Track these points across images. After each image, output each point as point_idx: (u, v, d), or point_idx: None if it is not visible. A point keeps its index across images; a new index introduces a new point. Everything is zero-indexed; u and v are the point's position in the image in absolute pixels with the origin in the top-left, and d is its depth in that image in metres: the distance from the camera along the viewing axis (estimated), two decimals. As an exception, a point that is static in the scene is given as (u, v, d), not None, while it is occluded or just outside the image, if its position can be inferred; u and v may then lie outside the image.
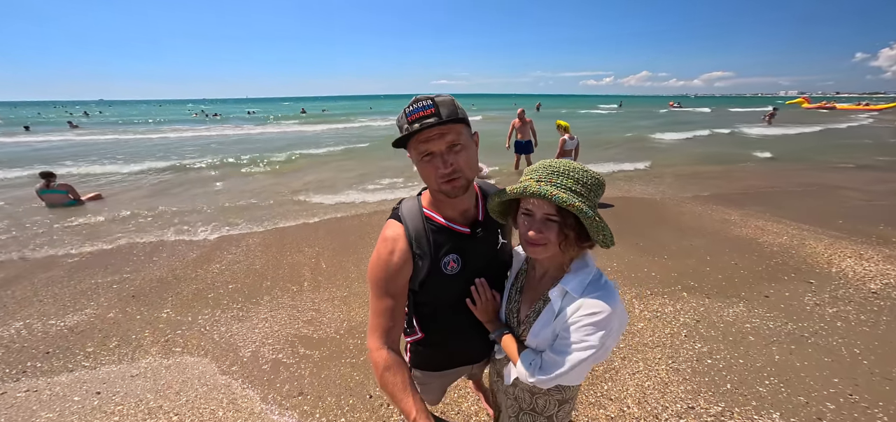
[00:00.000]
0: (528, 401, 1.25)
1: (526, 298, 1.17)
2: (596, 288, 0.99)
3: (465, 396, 2.46)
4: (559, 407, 1.23)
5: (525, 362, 1.08)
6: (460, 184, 1.02)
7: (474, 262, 1.17)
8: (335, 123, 28.19)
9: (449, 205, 1.12)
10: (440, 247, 1.12)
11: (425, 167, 1.01)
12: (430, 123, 0.94)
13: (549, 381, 1.02)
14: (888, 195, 6.84)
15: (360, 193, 7.71)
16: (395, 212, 1.18)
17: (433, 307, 1.24)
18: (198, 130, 24.98)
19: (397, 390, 1.03)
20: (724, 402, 2.28)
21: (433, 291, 1.17)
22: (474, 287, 1.19)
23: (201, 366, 2.81)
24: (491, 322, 1.21)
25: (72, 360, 2.91)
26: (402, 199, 1.22)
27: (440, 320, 1.26)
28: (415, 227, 1.11)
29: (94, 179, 9.63)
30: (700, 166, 9.92)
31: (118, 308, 3.59)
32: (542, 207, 0.96)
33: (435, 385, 1.50)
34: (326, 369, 2.72)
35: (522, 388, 1.24)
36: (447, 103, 0.97)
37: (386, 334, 1.09)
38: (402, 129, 1.00)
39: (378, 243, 1.12)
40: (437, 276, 1.13)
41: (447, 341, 1.31)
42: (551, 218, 0.96)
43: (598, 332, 0.94)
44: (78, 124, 29.72)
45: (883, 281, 3.65)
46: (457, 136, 0.99)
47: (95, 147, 16.39)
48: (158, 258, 4.69)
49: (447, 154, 0.99)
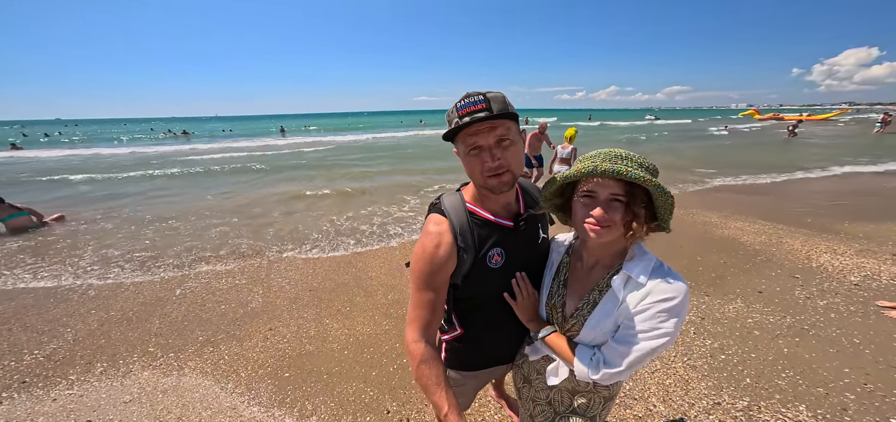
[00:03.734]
0: (567, 402, 1.18)
1: (572, 292, 1.12)
2: (663, 272, 0.97)
3: (486, 404, 2.40)
4: (604, 405, 1.17)
5: (584, 358, 1.03)
6: (507, 179, 1.02)
7: (517, 255, 1.17)
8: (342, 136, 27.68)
9: (492, 199, 1.12)
10: (484, 241, 1.12)
11: (472, 161, 1.02)
12: (480, 117, 0.95)
13: (616, 375, 0.98)
14: (848, 195, 7.37)
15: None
16: (436, 206, 1.17)
17: (475, 302, 1.22)
18: (174, 145, 23.93)
19: (431, 384, 1.03)
20: (748, 396, 2.33)
21: (476, 284, 1.16)
22: (515, 281, 1.17)
23: (202, 389, 2.61)
24: (532, 321, 1.17)
25: (54, 388, 2.65)
26: (441, 194, 1.21)
27: (481, 315, 1.24)
28: (459, 220, 1.10)
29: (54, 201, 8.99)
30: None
31: (100, 333, 3.31)
32: (608, 187, 0.94)
33: (469, 387, 1.46)
34: (339, 387, 2.60)
35: (560, 389, 1.18)
36: (498, 99, 0.98)
37: (426, 327, 1.09)
38: (451, 122, 1.01)
39: (422, 237, 1.11)
40: (481, 269, 1.12)
41: (485, 338, 1.29)
42: (618, 198, 0.94)
43: (672, 318, 0.92)
44: (21, 145, 27.69)
45: (861, 274, 3.88)
46: (506, 130, 1.00)
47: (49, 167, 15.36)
48: (140, 276, 4.39)
49: (495, 149, 1.00)
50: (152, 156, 19.18)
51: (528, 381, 1.30)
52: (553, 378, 1.17)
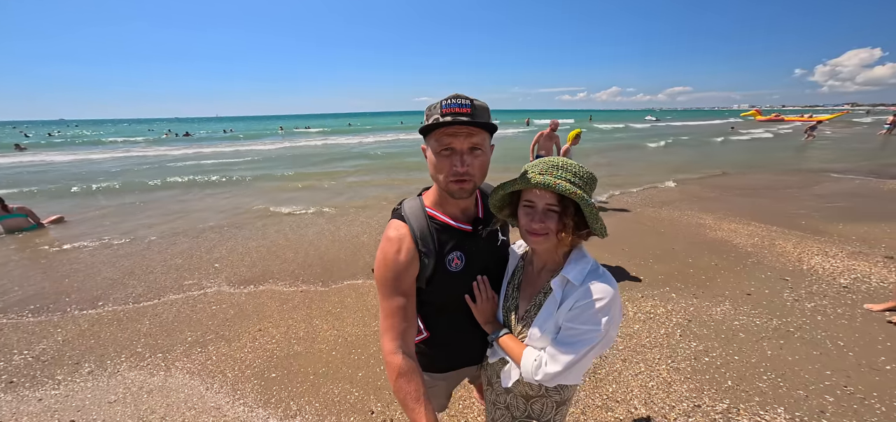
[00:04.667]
0: (522, 408, 1.21)
1: (524, 294, 1.17)
2: (596, 275, 1.01)
3: (469, 406, 2.41)
4: (557, 409, 1.20)
5: (528, 359, 1.06)
6: (469, 187, 1.04)
7: (477, 259, 1.19)
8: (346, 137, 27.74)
9: (452, 203, 1.13)
10: (444, 245, 1.13)
11: (441, 161, 1.02)
12: (463, 120, 0.96)
13: (555, 376, 1.00)
14: (841, 196, 7.37)
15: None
16: (396, 212, 1.18)
17: (438, 306, 1.24)
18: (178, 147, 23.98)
19: (410, 399, 1.01)
20: (729, 399, 2.33)
21: (439, 288, 1.17)
22: (476, 284, 1.19)
23: (187, 389, 2.63)
24: (489, 323, 1.20)
25: (40, 388, 2.66)
26: (402, 200, 1.21)
27: (445, 318, 1.26)
28: (419, 225, 1.12)
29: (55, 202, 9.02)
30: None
31: (89, 334, 3.33)
32: (544, 197, 1.00)
33: (441, 388, 1.47)
34: (324, 387, 2.61)
35: (516, 394, 1.21)
36: (482, 108, 1.00)
37: (401, 336, 1.07)
38: (430, 117, 1.00)
39: (382, 244, 1.11)
40: (442, 273, 1.14)
41: (451, 340, 1.30)
42: (552, 208, 0.99)
43: (603, 317, 0.96)
44: (25, 146, 27.74)
45: (851, 276, 3.88)
46: (481, 140, 1.02)
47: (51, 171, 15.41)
48: (131, 281, 4.40)
49: (467, 154, 1.01)
50: (153, 158, 19.23)
51: (490, 383, 1.33)
52: (507, 380, 1.20)
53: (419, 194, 1.23)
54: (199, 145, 26.35)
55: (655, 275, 4.07)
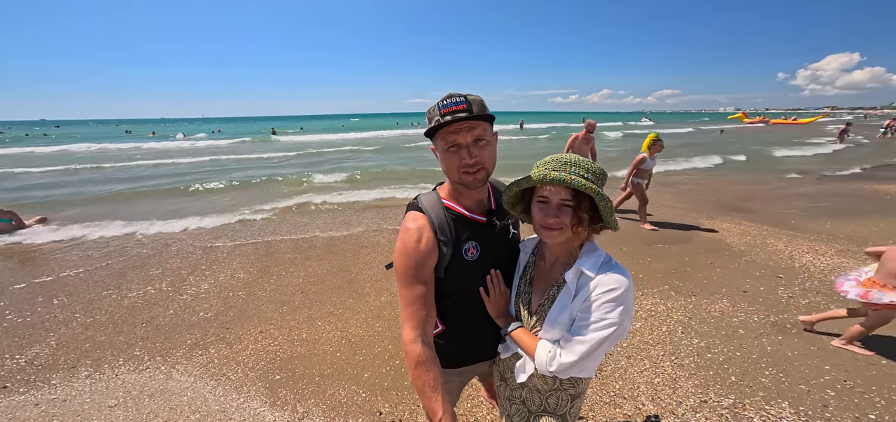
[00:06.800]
0: (538, 402, 1.22)
1: (537, 288, 1.19)
2: (610, 267, 1.04)
3: (478, 405, 2.41)
4: (571, 403, 1.21)
5: (543, 350, 1.07)
6: (481, 176, 1.09)
7: (490, 249, 1.23)
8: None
9: (466, 195, 1.18)
10: (461, 234, 1.17)
11: (450, 157, 1.08)
12: (461, 117, 1.02)
13: (570, 366, 1.02)
14: (828, 197, 7.57)
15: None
16: (414, 205, 1.22)
17: (454, 297, 1.26)
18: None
19: (428, 388, 1.04)
20: (734, 394, 2.38)
21: (455, 278, 1.20)
22: (489, 277, 1.22)
23: (190, 393, 2.58)
24: (501, 317, 1.23)
25: (36, 393, 2.59)
26: (418, 194, 1.26)
27: (460, 310, 1.28)
28: (437, 216, 1.16)
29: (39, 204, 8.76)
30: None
31: (84, 337, 3.24)
32: (559, 193, 1.02)
33: (454, 384, 1.48)
34: (331, 389, 2.59)
35: (531, 388, 1.22)
36: (477, 101, 1.07)
37: (421, 324, 1.10)
38: (432, 120, 1.07)
39: (402, 234, 1.15)
40: (459, 262, 1.17)
41: (466, 334, 1.32)
42: (567, 203, 1.02)
43: (618, 307, 0.98)
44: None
45: (841, 273, 3.98)
46: (483, 131, 1.07)
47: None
48: (124, 283, 4.30)
49: (473, 147, 1.06)
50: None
51: (503, 379, 1.34)
52: (521, 374, 1.21)
53: (434, 189, 1.28)
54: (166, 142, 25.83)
55: (654, 273, 4.13)
